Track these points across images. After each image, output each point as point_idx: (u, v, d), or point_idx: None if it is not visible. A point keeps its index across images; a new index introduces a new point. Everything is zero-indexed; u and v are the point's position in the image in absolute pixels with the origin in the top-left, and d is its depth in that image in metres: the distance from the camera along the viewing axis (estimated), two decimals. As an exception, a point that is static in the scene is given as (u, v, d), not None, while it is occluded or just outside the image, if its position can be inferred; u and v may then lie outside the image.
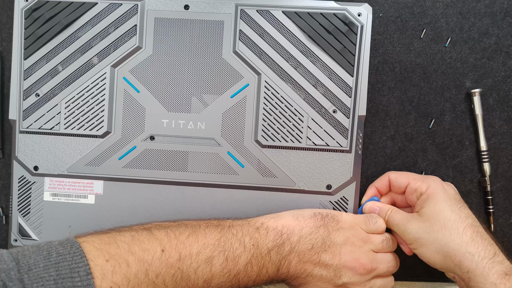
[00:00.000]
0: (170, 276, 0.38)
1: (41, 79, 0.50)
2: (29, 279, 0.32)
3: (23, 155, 0.50)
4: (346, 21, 0.48)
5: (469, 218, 0.43)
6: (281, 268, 0.42)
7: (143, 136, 0.49)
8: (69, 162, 0.50)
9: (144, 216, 0.50)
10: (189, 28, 0.49)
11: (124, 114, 0.49)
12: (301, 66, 0.48)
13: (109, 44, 0.49)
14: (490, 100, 0.51)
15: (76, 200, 0.50)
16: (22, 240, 0.50)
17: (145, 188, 0.50)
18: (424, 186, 0.45)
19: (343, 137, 0.49)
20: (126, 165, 0.49)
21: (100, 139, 0.50)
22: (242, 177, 0.49)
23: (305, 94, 0.49)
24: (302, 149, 0.49)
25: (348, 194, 0.49)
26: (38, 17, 0.49)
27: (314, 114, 0.48)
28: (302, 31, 0.48)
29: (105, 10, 0.49)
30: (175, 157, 0.49)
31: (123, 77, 0.49)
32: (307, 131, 0.49)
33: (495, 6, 0.51)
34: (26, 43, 0.50)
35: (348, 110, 0.48)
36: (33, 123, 0.50)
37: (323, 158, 0.49)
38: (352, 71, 0.48)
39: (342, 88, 0.48)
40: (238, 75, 0.49)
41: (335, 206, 0.49)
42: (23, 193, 0.50)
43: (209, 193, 0.49)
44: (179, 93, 0.49)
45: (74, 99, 0.50)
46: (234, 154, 0.49)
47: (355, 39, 0.48)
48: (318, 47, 0.48)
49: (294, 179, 0.49)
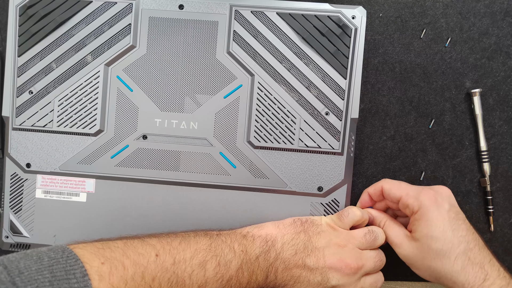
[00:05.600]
0: (166, 280, 0.37)
1: (34, 76, 0.50)
2: (21, 282, 0.31)
3: (16, 152, 0.50)
4: (340, 24, 0.48)
5: (462, 244, 0.42)
6: (269, 275, 0.42)
7: (136, 135, 0.49)
8: (61, 159, 0.50)
9: (136, 214, 0.50)
10: (183, 28, 0.49)
11: (117, 113, 0.49)
12: (295, 67, 0.48)
13: (103, 42, 0.49)
14: (490, 100, 0.51)
15: (68, 198, 0.50)
16: (13, 237, 0.50)
17: (136, 187, 0.50)
18: (416, 205, 0.44)
19: (335, 140, 0.49)
20: (118, 164, 0.49)
21: (93, 138, 0.50)
22: (234, 178, 0.49)
23: (298, 96, 0.49)
24: (294, 150, 0.49)
25: (339, 197, 0.49)
26: (32, 14, 0.49)
27: (307, 116, 0.49)
28: (296, 32, 0.48)
29: (100, 9, 0.49)
30: (167, 157, 0.49)
31: (117, 75, 0.49)
32: (300, 133, 0.49)
33: (495, 6, 0.51)
34: (20, 40, 0.50)
35: (341, 112, 0.48)
36: (26, 121, 0.50)
37: (314, 160, 0.49)
38: (345, 73, 0.48)
39: (335, 90, 0.48)
40: (231, 75, 0.49)
41: (326, 208, 0.49)
42: (15, 190, 0.50)
43: (201, 193, 0.49)
44: (172, 93, 0.49)
45: (68, 97, 0.50)
46: (226, 155, 0.49)
47: (349, 42, 0.48)
48: (311, 49, 0.48)
49: (286, 180, 0.49)
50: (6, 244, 0.51)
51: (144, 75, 0.49)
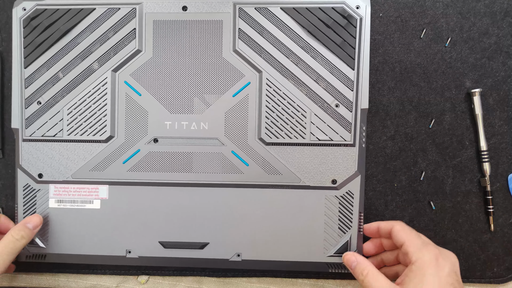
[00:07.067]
0: None
1: (42, 86, 0.50)
2: None
3: (27, 163, 0.50)
4: (345, 15, 0.48)
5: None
6: None
7: (147, 139, 0.49)
8: (73, 168, 0.50)
9: (151, 218, 0.49)
10: (188, 29, 0.49)
11: (126, 118, 0.49)
12: (302, 61, 0.48)
13: (109, 48, 0.49)
14: (490, 100, 0.51)
15: (82, 205, 0.50)
16: (29, 247, 0.50)
17: (150, 191, 0.49)
18: (415, 256, 0.41)
19: (347, 131, 0.48)
20: (130, 168, 0.49)
21: (104, 144, 0.49)
22: (247, 176, 0.49)
23: (307, 89, 0.48)
24: (306, 145, 0.49)
25: (354, 188, 0.49)
26: (36, 25, 0.49)
27: (317, 109, 0.48)
28: (301, 26, 0.48)
29: (104, 15, 0.49)
30: (180, 159, 0.49)
31: (124, 81, 0.49)
32: (311, 127, 0.48)
33: (495, 6, 0.51)
34: (26, 52, 0.50)
35: (351, 103, 0.48)
36: (36, 131, 0.50)
37: (327, 153, 0.49)
38: (353, 64, 0.48)
39: (343, 82, 0.48)
40: (239, 73, 0.49)
41: (341, 201, 0.49)
42: (28, 201, 0.50)
43: (215, 193, 0.49)
44: (181, 95, 0.49)
45: (76, 105, 0.49)
46: (239, 153, 0.49)
47: (355, 32, 0.48)
48: (318, 42, 0.48)
49: (299, 175, 0.49)
50: (22, 255, 0.50)
51: (151, 79, 0.49)
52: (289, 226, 0.49)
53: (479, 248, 0.52)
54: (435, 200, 0.52)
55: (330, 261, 0.49)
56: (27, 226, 0.48)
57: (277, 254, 0.49)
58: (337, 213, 0.49)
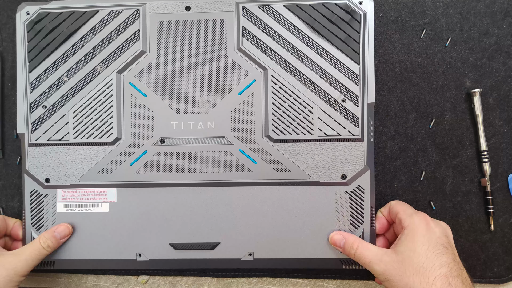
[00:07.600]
0: None
1: (47, 90, 0.50)
2: None
3: (34, 168, 0.50)
4: (348, 10, 0.48)
5: (444, 268, 0.40)
6: None
7: (153, 140, 0.49)
8: (80, 171, 0.49)
9: (160, 220, 0.49)
10: (192, 29, 0.49)
11: (132, 119, 0.49)
12: (307, 58, 0.48)
13: (113, 50, 0.49)
14: (490, 100, 0.52)
15: (90, 209, 0.49)
16: (37, 254, 0.49)
17: (159, 192, 0.49)
18: (407, 221, 0.44)
19: (354, 126, 0.48)
20: (138, 170, 0.49)
21: (111, 146, 0.49)
22: (255, 174, 0.49)
23: (313, 85, 0.48)
24: (314, 141, 0.49)
25: (364, 183, 0.49)
26: (40, 29, 0.49)
27: (324, 104, 0.48)
28: (304, 23, 0.48)
29: (107, 17, 0.49)
30: (187, 159, 0.49)
31: (129, 82, 0.49)
32: (318, 122, 0.48)
33: (495, 6, 0.51)
34: (30, 56, 0.50)
35: (357, 98, 0.48)
36: (42, 135, 0.49)
37: (335, 148, 0.49)
38: (358, 59, 0.48)
39: (349, 76, 0.48)
40: (244, 71, 0.49)
41: (352, 196, 0.49)
42: (35, 206, 0.50)
43: (224, 192, 0.49)
44: (187, 94, 0.49)
45: (82, 108, 0.49)
46: (246, 151, 0.49)
47: (359, 27, 0.48)
48: (322, 38, 0.48)
49: (308, 171, 0.49)
50: (31, 263, 0.50)
51: (156, 80, 0.49)
52: (300, 223, 0.49)
53: (479, 248, 0.52)
54: (435, 200, 0.52)
55: (343, 257, 0.48)
56: (55, 235, 0.48)
57: (290, 252, 0.49)
58: (348, 208, 0.48)
